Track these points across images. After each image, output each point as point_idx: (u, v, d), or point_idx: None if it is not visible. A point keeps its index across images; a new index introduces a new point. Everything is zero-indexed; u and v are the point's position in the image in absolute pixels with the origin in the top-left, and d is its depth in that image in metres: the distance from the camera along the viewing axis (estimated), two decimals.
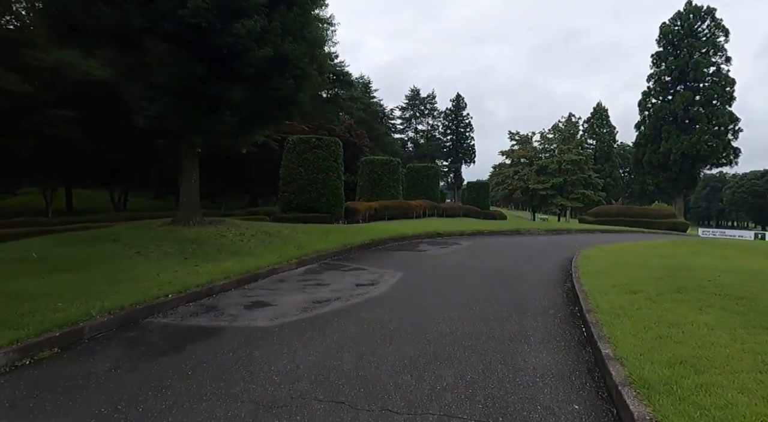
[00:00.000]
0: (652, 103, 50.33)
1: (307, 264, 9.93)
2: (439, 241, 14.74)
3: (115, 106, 20.49)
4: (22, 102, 18.70)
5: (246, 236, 11.12)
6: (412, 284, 8.01)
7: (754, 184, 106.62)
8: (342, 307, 6.43)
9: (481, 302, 6.63)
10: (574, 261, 9.40)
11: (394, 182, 31.45)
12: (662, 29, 49.41)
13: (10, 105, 18.79)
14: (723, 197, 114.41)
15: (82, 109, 21.34)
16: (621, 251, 10.69)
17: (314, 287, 7.74)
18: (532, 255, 11.69)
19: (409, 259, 11.00)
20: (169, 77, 10.11)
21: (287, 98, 11.04)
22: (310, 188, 22.59)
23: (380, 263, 10.22)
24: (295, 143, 23.03)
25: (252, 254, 9.63)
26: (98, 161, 24.61)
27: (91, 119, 21.77)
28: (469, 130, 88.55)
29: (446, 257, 11.24)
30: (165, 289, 6.57)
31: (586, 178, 45.70)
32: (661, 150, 46.95)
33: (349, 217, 25.15)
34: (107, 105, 21.06)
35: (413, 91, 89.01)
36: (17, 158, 19.89)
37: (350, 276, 8.75)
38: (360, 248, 12.34)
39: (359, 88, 65.98)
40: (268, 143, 32.11)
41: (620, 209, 35.50)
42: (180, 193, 11.91)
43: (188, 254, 9.01)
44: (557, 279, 8.47)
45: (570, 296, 7.03)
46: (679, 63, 47.12)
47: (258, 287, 7.70)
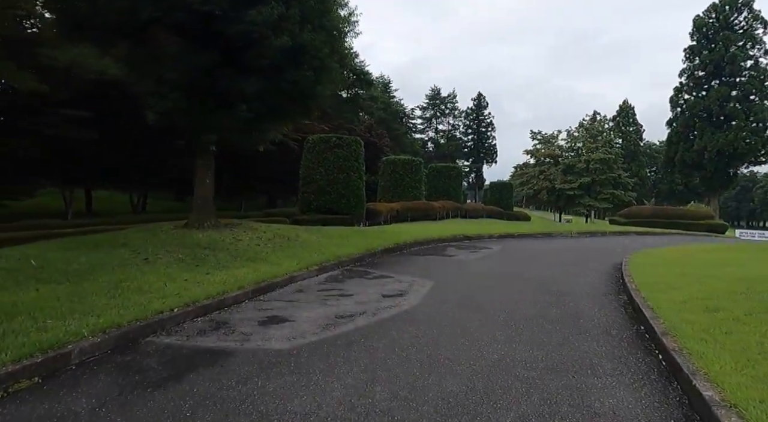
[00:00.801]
0: (684, 100, 48.36)
1: (328, 271, 9.17)
2: (468, 245, 13.85)
3: (131, 106, 20.11)
4: (36, 102, 18.42)
5: (263, 240, 10.42)
6: (445, 296, 7.17)
7: None
8: (369, 324, 5.63)
9: (529, 320, 5.76)
10: (624, 270, 8.43)
11: (416, 182, 30.62)
12: (696, 22, 47.41)
13: (25, 105, 18.53)
14: (754, 197, 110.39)
15: (98, 109, 21.00)
16: (674, 258, 9.64)
17: (336, 299, 6.96)
18: (571, 261, 10.73)
19: (438, 265, 10.16)
20: (178, 71, 9.46)
21: (305, 92, 10.30)
22: (330, 188, 21.91)
23: (407, 271, 9.40)
24: (315, 143, 22.40)
25: (268, 261, 8.90)
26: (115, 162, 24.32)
27: (107, 120, 21.43)
28: (490, 129, 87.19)
29: (478, 264, 10.36)
30: (171, 302, 5.85)
31: (615, 177, 44.09)
32: (695, 148, 45.00)
33: (370, 218, 24.40)
34: (123, 105, 20.67)
35: (433, 91, 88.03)
36: (32, 158, 19.60)
37: (375, 286, 7.94)
38: (384, 253, 11.53)
39: (379, 88, 65.28)
40: (287, 142, 31.56)
41: (654, 210, 33.97)
42: (193, 194, 11.28)
43: (200, 260, 8.31)
44: (608, 291, 7.52)
45: (630, 313, 6.10)
46: (714, 57, 45.10)
47: (274, 299, 6.95)
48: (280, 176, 38.11)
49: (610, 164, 43.92)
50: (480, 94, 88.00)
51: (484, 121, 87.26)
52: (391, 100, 70.25)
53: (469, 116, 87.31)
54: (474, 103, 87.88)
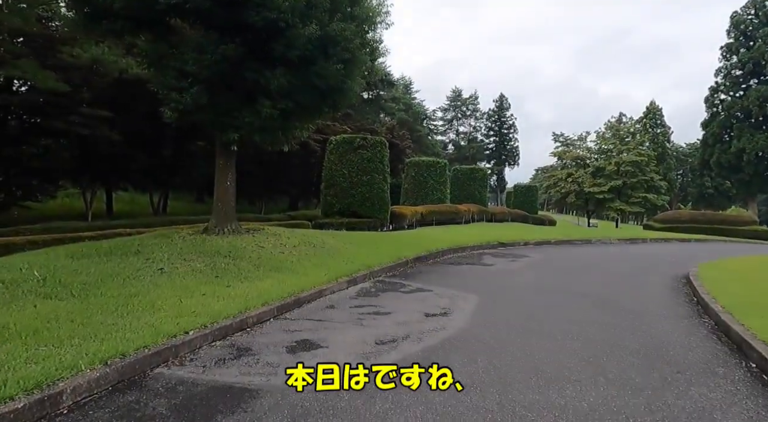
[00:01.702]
0: (720, 100, 46.27)
1: (359, 283, 8.32)
2: (504, 252, 12.88)
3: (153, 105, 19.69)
4: (58, 101, 18.04)
5: (287, 247, 9.63)
6: (495, 314, 6.25)
7: None
8: (415, 353, 4.75)
9: (606, 350, 4.81)
10: (695, 285, 7.38)
11: (440, 185, 29.69)
12: (733, 19, 45.32)
13: (46, 104, 18.18)
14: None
15: (120, 109, 20.62)
16: (750, 271, 8.48)
17: (373, 318, 6.10)
18: (625, 273, 9.70)
19: (478, 276, 9.24)
20: (199, 64, 8.74)
21: (334, 86, 9.48)
22: (353, 191, 21.14)
23: (445, 282, 8.50)
24: (338, 143, 21.69)
25: (294, 271, 8.09)
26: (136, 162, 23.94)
27: (129, 119, 21.03)
28: (512, 131, 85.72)
29: (521, 275, 9.41)
30: (186, 322, 5.07)
31: (648, 180, 42.38)
32: (732, 150, 42.95)
33: (394, 222, 23.55)
34: (144, 104, 20.25)
35: (455, 92, 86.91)
36: (54, 158, 19.24)
37: (414, 301, 7.06)
38: (416, 262, 10.65)
39: (400, 89, 64.50)
40: (309, 143, 30.92)
41: (692, 215, 32.34)
42: (214, 197, 10.56)
43: (220, 270, 7.55)
44: (686, 313, 6.50)
45: (727, 342, 5.10)
46: (753, 55, 42.97)
47: (303, 317, 6.13)
48: (302, 177, 37.61)
49: (641, 167, 42.23)
50: (502, 96, 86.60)
51: (506, 123, 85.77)
52: (413, 101, 69.39)
53: (491, 118, 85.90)
54: (496, 105, 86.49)
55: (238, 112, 9.34)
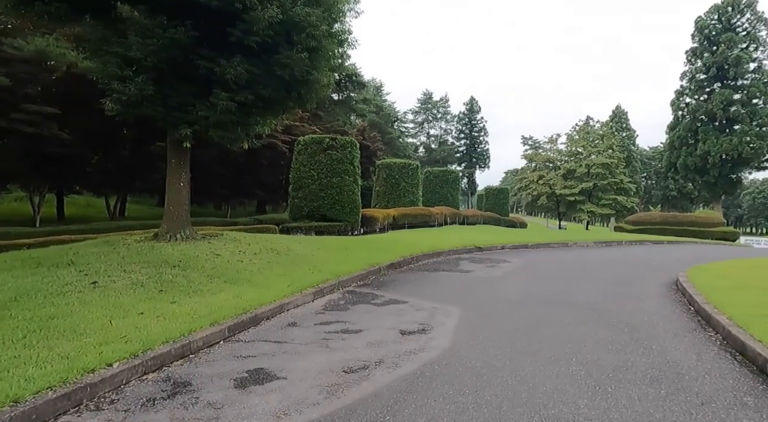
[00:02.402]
0: (686, 103, 47.27)
1: (327, 294, 7.48)
2: (482, 257, 12.24)
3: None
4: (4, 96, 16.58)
5: (247, 254, 8.70)
6: (481, 331, 5.52)
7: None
8: (390, 383, 3.97)
9: (613, 376, 4.13)
10: (694, 295, 6.82)
11: (412, 187, 28.99)
12: (697, 24, 46.40)
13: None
14: (742, 203, 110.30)
15: (70, 106, 19.20)
16: (745, 276, 7.98)
17: (341, 338, 5.28)
18: (613, 279, 9.13)
19: (457, 285, 8.51)
20: (147, 49, 7.77)
21: (299, 78, 8.64)
22: (323, 193, 20.21)
23: (423, 293, 7.74)
24: (306, 144, 20.72)
25: (253, 283, 7.19)
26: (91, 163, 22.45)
27: (81, 118, 19.62)
28: (483, 134, 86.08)
29: (504, 283, 8.74)
30: (112, 351, 4.15)
31: (617, 182, 42.81)
32: (698, 153, 43.84)
33: (366, 226, 22.72)
34: (98, 102, 18.92)
35: (425, 95, 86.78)
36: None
37: (388, 315, 6.27)
38: (390, 269, 9.87)
39: (371, 91, 63.79)
40: (277, 144, 29.87)
41: (664, 217, 32.62)
42: (165, 200, 9.54)
43: (165, 283, 6.58)
44: (690, 325, 5.89)
45: (743, 361, 4.49)
46: (716, 59, 44.05)
47: (259, 338, 5.26)
48: (271, 180, 36.46)
49: (611, 169, 42.64)
50: (472, 99, 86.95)
51: (476, 125, 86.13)
52: (384, 103, 68.83)
53: (462, 121, 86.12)
54: (466, 108, 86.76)
55: (192, 105, 8.41)
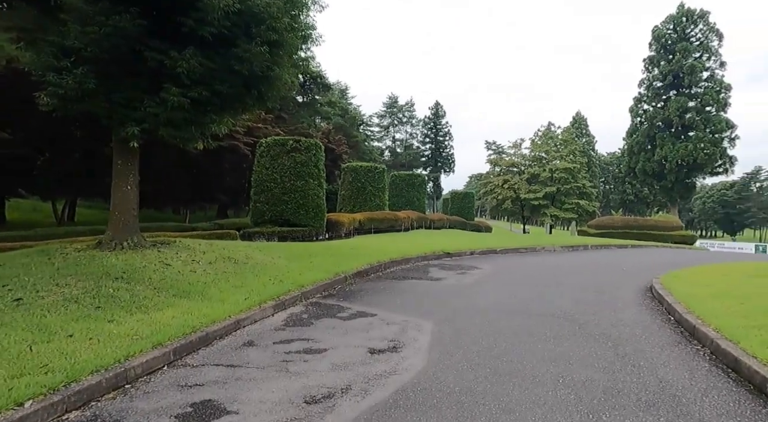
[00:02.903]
0: (644, 110, 48.78)
1: (289, 307, 6.89)
2: (452, 264, 11.86)
3: None
4: None
5: (201, 264, 7.99)
6: (457, 349, 5.06)
7: (723, 194, 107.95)
8: (359, 416, 3.46)
9: (605, 401, 3.74)
10: (673, 303, 6.57)
11: (379, 191, 28.60)
12: (654, 33, 48.00)
13: None
14: (693, 207, 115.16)
15: (11, 104, 17.83)
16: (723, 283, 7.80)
17: (303, 359, 4.72)
18: (585, 286, 8.86)
19: (428, 294, 8.06)
20: (87, 38, 7.01)
21: (259, 74, 8.02)
22: (286, 197, 19.54)
23: (392, 303, 7.25)
24: (269, 146, 20.00)
25: (206, 296, 6.53)
26: (34, 165, 20.97)
27: (25, 117, 18.24)
28: (448, 138, 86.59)
29: (476, 292, 8.34)
30: (26, 385, 3.48)
31: (580, 187, 43.66)
32: (656, 158, 45.26)
33: (331, 231, 22.13)
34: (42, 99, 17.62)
35: (391, 99, 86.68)
36: None
37: (355, 331, 5.74)
38: (357, 277, 9.34)
39: (336, 93, 63.15)
40: (238, 146, 28.88)
41: (626, 221, 33.32)
42: (110, 205, 8.72)
43: (105, 298, 5.85)
44: (675, 339, 5.60)
45: (738, 379, 4.18)
46: (672, 68, 45.65)
47: (210, 362, 4.64)
48: (234, 183, 35.30)
49: (574, 174, 43.48)
50: (437, 103, 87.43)
51: (441, 130, 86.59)
52: (349, 106, 68.30)
53: (427, 125, 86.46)
54: (432, 112, 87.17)
55: (140, 101, 7.66)
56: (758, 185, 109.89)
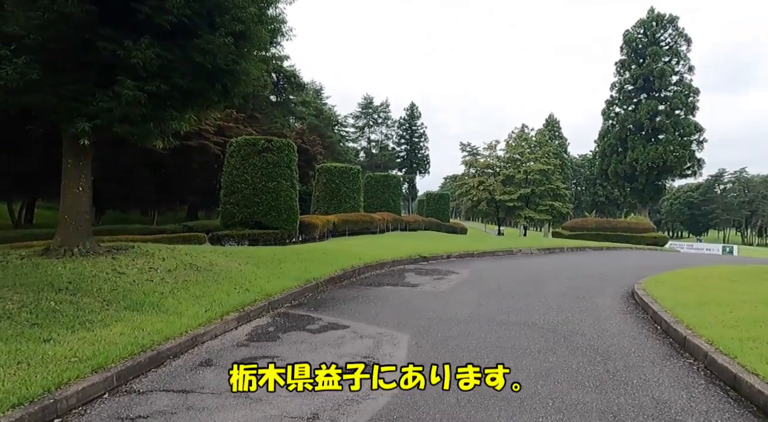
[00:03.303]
0: (615, 113, 49.57)
1: (254, 319, 6.38)
2: (428, 268, 11.49)
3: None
4: None
5: (160, 271, 7.39)
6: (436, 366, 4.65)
7: (689, 196, 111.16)
8: None
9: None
10: (659, 311, 6.30)
11: (354, 192, 28.09)
12: (625, 37, 48.84)
13: None
14: (661, 209, 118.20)
15: None
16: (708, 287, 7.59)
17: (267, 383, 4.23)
18: (564, 291, 8.58)
19: (404, 303, 7.64)
20: (30, 24, 6.37)
21: (224, 67, 7.47)
22: (257, 199, 18.87)
23: (365, 313, 6.80)
24: (239, 146, 19.29)
25: (162, 308, 5.95)
26: None
27: None
28: (423, 140, 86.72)
29: (454, 299, 7.96)
30: None
31: (554, 188, 44.06)
32: (627, 160, 46.02)
33: (304, 233, 21.53)
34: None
35: (366, 99, 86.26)
36: None
37: (326, 347, 5.27)
38: (330, 284, 8.87)
39: (311, 93, 62.35)
40: (208, 146, 27.99)
41: (599, 223, 33.66)
42: (60, 208, 8.03)
43: (45, 313, 5.24)
44: (662, 351, 5.26)
45: (739, 398, 3.88)
46: (643, 71, 46.50)
47: (159, 386, 4.11)
48: (204, 184, 34.27)
49: (548, 175, 43.83)
50: (413, 104, 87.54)
51: (417, 131, 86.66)
52: (324, 106, 67.55)
53: (402, 126, 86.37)
54: (407, 114, 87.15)
55: (91, 94, 7.02)
56: (722, 187, 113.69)
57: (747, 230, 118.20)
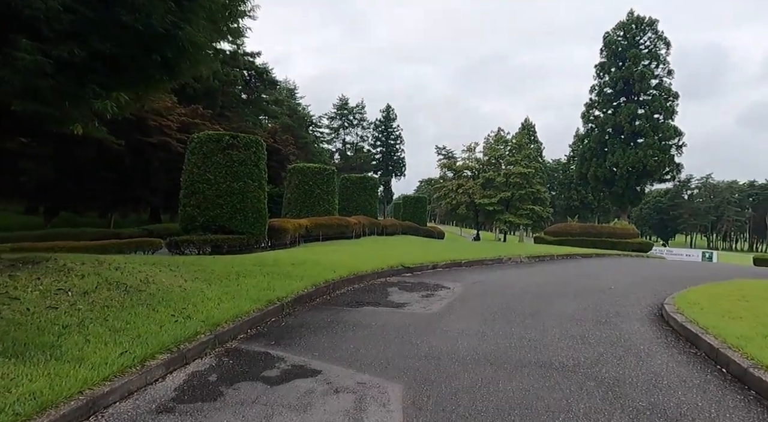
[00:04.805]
0: (595, 116, 49.15)
1: (192, 362, 4.75)
2: (414, 282, 9.98)
3: None
4: None
5: (72, 294, 5.66)
6: None
7: (658, 201, 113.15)
8: None
9: None
10: (722, 349, 4.87)
11: (328, 194, 26.47)
12: (605, 39, 48.48)
13: None
14: (631, 213, 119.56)
15: None
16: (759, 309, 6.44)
17: None
18: (582, 316, 7.09)
19: (390, 332, 6.08)
20: None
21: (161, 32, 5.82)
22: (221, 200, 17.09)
23: (343, 350, 5.23)
24: (201, 142, 17.49)
25: (57, 352, 4.24)
26: None
27: None
28: (399, 142, 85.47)
29: (451, 327, 6.44)
30: None
31: (534, 192, 43.25)
32: (607, 164, 45.59)
33: (274, 238, 19.78)
34: None
35: (341, 100, 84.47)
36: None
37: (287, 411, 3.69)
38: (298, 304, 7.27)
39: (284, 92, 60.41)
40: (170, 143, 25.95)
41: (583, 228, 32.81)
42: None
43: None
44: (753, 414, 3.94)
45: None
46: (623, 74, 46.19)
47: None
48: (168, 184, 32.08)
49: (529, 179, 43.02)
50: (388, 106, 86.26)
51: (393, 133, 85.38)
52: (298, 106, 65.65)
53: (378, 128, 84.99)
54: (383, 115, 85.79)
55: None
56: (689, 192, 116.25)
57: (713, 235, 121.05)
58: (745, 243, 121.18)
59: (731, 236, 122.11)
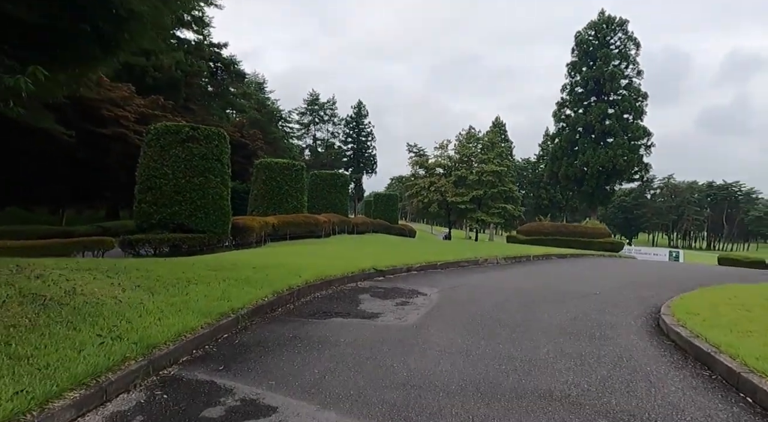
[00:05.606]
0: (566, 115, 49.39)
1: (114, 398, 3.82)
2: (387, 287, 9.18)
3: None
4: None
5: None
6: None
7: (623, 200, 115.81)
8: None
9: None
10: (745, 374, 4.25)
11: (297, 191, 25.46)
12: (577, 38, 48.71)
13: None
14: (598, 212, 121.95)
15: None
16: None
17: None
18: (573, 329, 6.43)
19: (362, 351, 5.26)
20: None
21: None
22: (180, 197, 15.98)
23: (306, 376, 4.39)
24: (159, 134, 16.32)
25: None
26: None
27: None
28: (370, 139, 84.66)
29: (431, 342, 5.67)
30: None
31: (506, 191, 43.10)
32: (578, 163, 45.85)
33: (238, 237, 18.72)
34: None
35: (312, 96, 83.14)
36: None
37: None
38: (256, 316, 6.38)
39: (252, 86, 58.69)
40: (127, 135, 24.43)
41: (556, 227, 32.73)
42: None
43: None
44: None
45: None
46: (594, 74, 46.51)
47: None
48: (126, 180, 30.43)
49: (501, 177, 42.84)
50: (360, 103, 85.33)
51: (364, 130, 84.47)
52: (267, 100, 63.97)
53: (349, 124, 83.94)
54: (354, 112, 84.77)
55: None
56: (651, 192, 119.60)
57: (673, 234, 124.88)
58: (704, 242, 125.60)
59: (690, 235, 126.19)
